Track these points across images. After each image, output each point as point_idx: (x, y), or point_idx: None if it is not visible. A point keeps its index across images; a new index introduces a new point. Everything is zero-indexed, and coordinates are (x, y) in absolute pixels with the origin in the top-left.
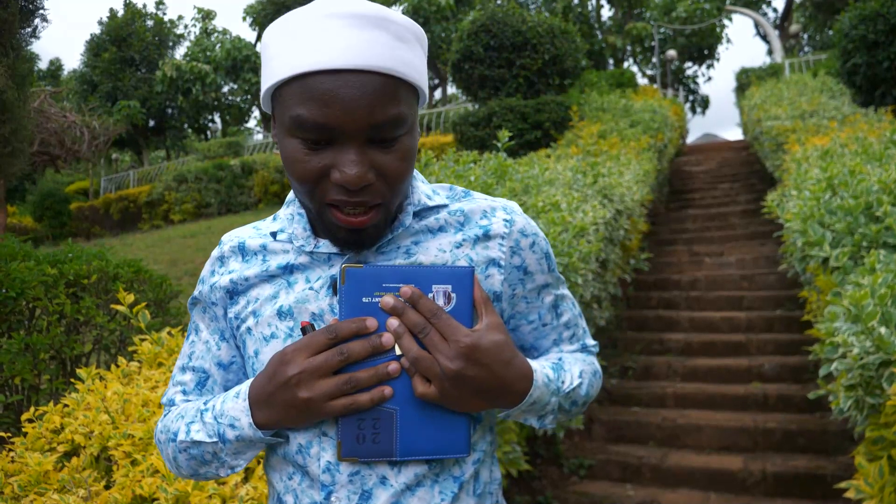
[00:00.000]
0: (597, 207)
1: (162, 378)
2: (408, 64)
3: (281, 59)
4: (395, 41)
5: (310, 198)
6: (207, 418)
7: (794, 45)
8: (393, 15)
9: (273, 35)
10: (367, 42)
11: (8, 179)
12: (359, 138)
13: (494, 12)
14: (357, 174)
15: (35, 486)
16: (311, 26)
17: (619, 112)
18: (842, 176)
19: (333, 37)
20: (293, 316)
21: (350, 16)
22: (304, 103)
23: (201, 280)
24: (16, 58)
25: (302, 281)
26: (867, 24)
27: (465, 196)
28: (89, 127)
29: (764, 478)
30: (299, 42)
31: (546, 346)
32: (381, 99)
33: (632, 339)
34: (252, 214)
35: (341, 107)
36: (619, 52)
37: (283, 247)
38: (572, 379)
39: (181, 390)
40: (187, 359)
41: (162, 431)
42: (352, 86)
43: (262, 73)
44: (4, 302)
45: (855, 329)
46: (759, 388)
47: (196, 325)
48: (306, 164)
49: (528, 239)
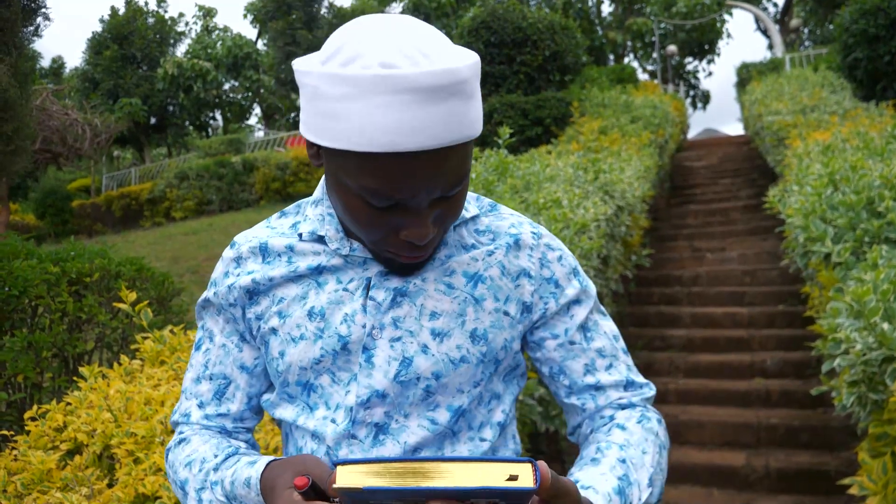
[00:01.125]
0: (598, 204)
1: (164, 376)
2: (474, 120)
3: (349, 125)
4: (467, 103)
5: (370, 243)
6: (219, 494)
7: (794, 39)
8: (461, 70)
9: (334, 88)
10: (443, 116)
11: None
12: (427, 202)
13: (495, 9)
14: (426, 233)
15: (38, 484)
16: (385, 99)
17: (620, 108)
18: (843, 171)
19: (412, 116)
20: (325, 317)
21: (428, 90)
22: (376, 177)
23: (213, 283)
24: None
25: (333, 282)
26: (868, 19)
27: (493, 210)
28: (91, 124)
29: (767, 474)
30: (372, 115)
31: (576, 369)
32: (453, 167)
33: (634, 336)
34: (254, 212)
35: (417, 182)
36: (619, 48)
37: (313, 248)
38: (640, 492)
39: (197, 403)
40: (203, 368)
41: (171, 467)
42: (429, 164)
43: (313, 115)
44: (7, 300)
45: (857, 325)
46: (761, 384)
47: (209, 332)
48: (372, 221)
49: (554, 252)
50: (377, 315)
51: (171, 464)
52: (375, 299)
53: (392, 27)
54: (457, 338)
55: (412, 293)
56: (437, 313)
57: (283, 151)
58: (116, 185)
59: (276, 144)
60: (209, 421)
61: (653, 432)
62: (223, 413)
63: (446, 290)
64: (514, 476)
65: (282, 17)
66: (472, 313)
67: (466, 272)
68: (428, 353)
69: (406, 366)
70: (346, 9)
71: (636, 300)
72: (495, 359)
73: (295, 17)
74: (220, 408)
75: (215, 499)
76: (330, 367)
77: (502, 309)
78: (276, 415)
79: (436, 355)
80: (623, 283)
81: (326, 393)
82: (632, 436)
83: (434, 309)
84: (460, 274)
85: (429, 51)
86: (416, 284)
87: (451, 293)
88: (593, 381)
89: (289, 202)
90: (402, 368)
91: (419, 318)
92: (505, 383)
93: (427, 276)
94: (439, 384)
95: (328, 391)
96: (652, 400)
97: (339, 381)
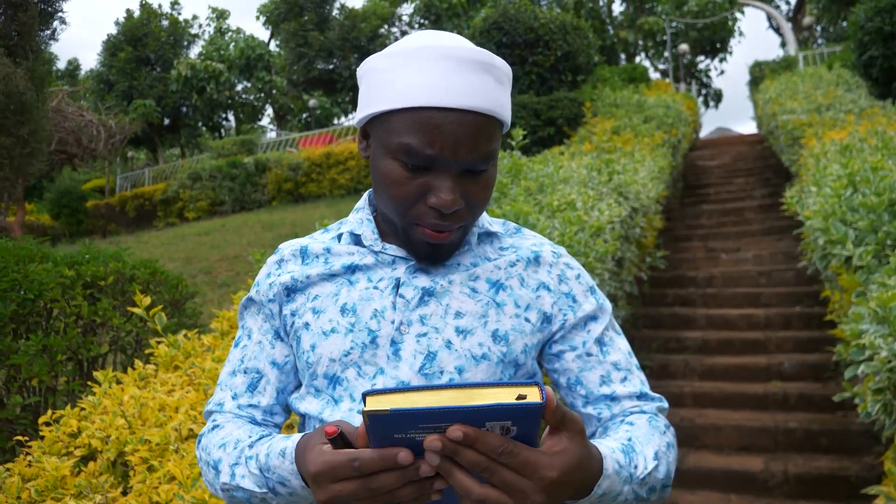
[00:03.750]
0: (612, 206)
1: (178, 381)
2: (503, 105)
3: (394, 89)
4: (495, 84)
5: (400, 215)
6: (252, 468)
7: (807, 37)
8: (496, 60)
9: (387, 62)
10: (476, 85)
11: (27, 179)
12: (455, 169)
13: (506, 9)
14: (452, 200)
15: (52, 491)
16: (427, 64)
17: (633, 107)
18: (863, 172)
19: (447, 77)
20: (356, 312)
21: (463, 60)
22: (413, 133)
23: (256, 283)
24: (35, 60)
25: (364, 280)
26: (883, 16)
27: (517, 232)
28: (106, 125)
29: (786, 479)
30: (415, 76)
31: (592, 380)
32: (480, 136)
33: (648, 338)
34: (266, 212)
35: (448, 140)
36: (630, 47)
37: (348, 248)
38: (646, 462)
39: (231, 394)
40: (238, 363)
41: (204, 450)
42: (459, 123)
43: (367, 94)
44: (23, 303)
45: (882, 331)
46: (778, 387)
47: (248, 330)
48: (405, 185)
49: (573, 271)
50: (405, 312)
51: (203, 447)
52: (404, 297)
53: (441, 32)
54: (479, 336)
55: (439, 294)
56: (461, 313)
57: (295, 152)
58: (130, 185)
59: (289, 145)
60: (241, 411)
61: (659, 430)
62: (254, 404)
63: (470, 294)
64: (523, 396)
65: (294, 18)
66: (494, 315)
67: (489, 279)
68: (451, 349)
69: (430, 359)
70: (357, 10)
71: (650, 302)
72: (515, 361)
73: (307, 18)
74: (252, 399)
75: (248, 473)
76: (357, 360)
77: (523, 315)
78: (301, 409)
79: (459, 350)
80: (637, 284)
81: (352, 386)
82: (638, 427)
83: (459, 309)
84: (484, 280)
85: (469, 43)
86: (443, 286)
87: (475, 296)
88: (609, 391)
89: (300, 203)
90: (426, 362)
91: (444, 317)
92: None
93: (453, 279)
94: (462, 379)
95: (353, 384)
96: (665, 412)
97: (365, 375)
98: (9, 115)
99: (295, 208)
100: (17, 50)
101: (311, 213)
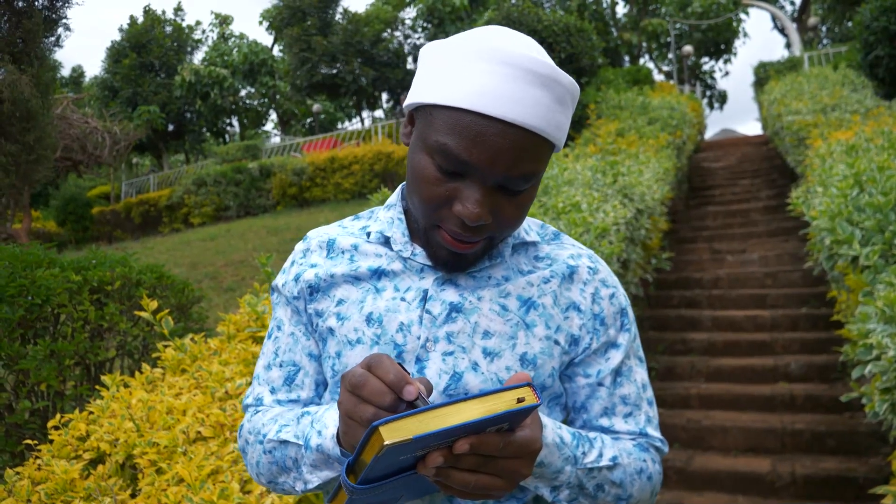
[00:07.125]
0: (617, 207)
1: (185, 385)
2: (558, 127)
3: (447, 83)
4: (554, 103)
5: (425, 216)
6: (304, 421)
7: (812, 37)
8: (561, 77)
9: (445, 51)
10: (530, 99)
11: (33, 186)
12: (489, 181)
13: (510, 12)
14: (477, 214)
15: (62, 493)
16: (483, 65)
17: (637, 109)
18: (869, 172)
19: (500, 84)
20: (381, 323)
21: (523, 68)
22: (453, 134)
23: (283, 270)
24: (40, 67)
25: (391, 289)
26: (889, 16)
27: (555, 238)
28: (110, 132)
29: (793, 480)
30: (470, 76)
31: (595, 410)
32: (523, 154)
33: (654, 339)
34: (270, 217)
35: (486, 151)
36: (634, 49)
37: (376, 249)
38: (600, 457)
39: (269, 389)
40: (273, 356)
41: (250, 432)
42: (502, 136)
43: (419, 79)
44: (30, 309)
45: (890, 330)
46: (785, 388)
47: (279, 322)
48: (435, 187)
49: (608, 290)
50: (432, 328)
51: (250, 429)
52: (431, 312)
53: (514, 34)
54: (507, 359)
55: (467, 310)
56: (489, 333)
57: (300, 157)
58: (135, 191)
59: (293, 150)
60: (281, 406)
61: (639, 453)
62: (294, 399)
63: (500, 312)
64: (522, 398)
65: (297, 23)
66: (523, 337)
67: (521, 296)
68: (478, 371)
69: (456, 380)
70: (360, 14)
71: (656, 303)
72: (542, 385)
73: (310, 23)
74: (291, 394)
75: (295, 429)
76: None
77: (553, 337)
78: None
79: (485, 374)
80: (642, 286)
81: None
82: (614, 440)
83: (487, 328)
84: (515, 297)
85: (542, 54)
86: (472, 302)
87: (505, 315)
88: (608, 424)
89: (305, 207)
90: (451, 382)
91: (472, 336)
92: (549, 408)
93: (483, 296)
94: None
95: None
96: (662, 454)
97: None
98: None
99: (300, 213)
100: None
101: (315, 218)
